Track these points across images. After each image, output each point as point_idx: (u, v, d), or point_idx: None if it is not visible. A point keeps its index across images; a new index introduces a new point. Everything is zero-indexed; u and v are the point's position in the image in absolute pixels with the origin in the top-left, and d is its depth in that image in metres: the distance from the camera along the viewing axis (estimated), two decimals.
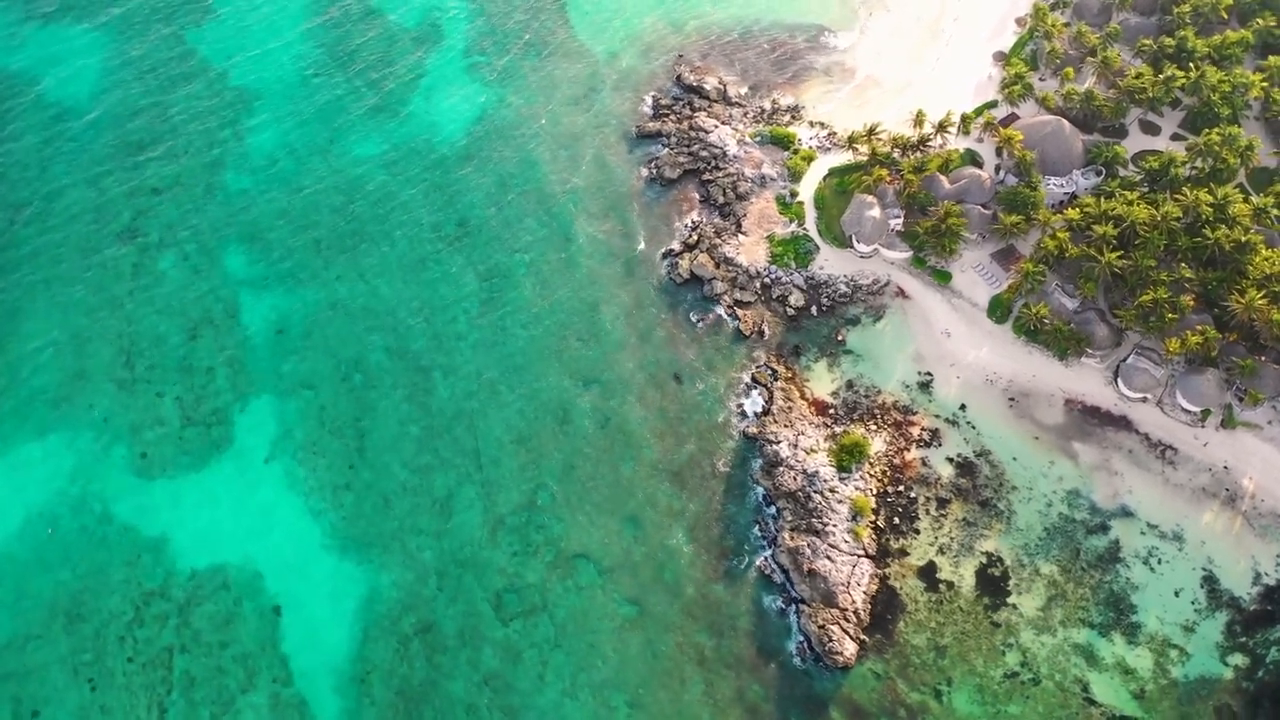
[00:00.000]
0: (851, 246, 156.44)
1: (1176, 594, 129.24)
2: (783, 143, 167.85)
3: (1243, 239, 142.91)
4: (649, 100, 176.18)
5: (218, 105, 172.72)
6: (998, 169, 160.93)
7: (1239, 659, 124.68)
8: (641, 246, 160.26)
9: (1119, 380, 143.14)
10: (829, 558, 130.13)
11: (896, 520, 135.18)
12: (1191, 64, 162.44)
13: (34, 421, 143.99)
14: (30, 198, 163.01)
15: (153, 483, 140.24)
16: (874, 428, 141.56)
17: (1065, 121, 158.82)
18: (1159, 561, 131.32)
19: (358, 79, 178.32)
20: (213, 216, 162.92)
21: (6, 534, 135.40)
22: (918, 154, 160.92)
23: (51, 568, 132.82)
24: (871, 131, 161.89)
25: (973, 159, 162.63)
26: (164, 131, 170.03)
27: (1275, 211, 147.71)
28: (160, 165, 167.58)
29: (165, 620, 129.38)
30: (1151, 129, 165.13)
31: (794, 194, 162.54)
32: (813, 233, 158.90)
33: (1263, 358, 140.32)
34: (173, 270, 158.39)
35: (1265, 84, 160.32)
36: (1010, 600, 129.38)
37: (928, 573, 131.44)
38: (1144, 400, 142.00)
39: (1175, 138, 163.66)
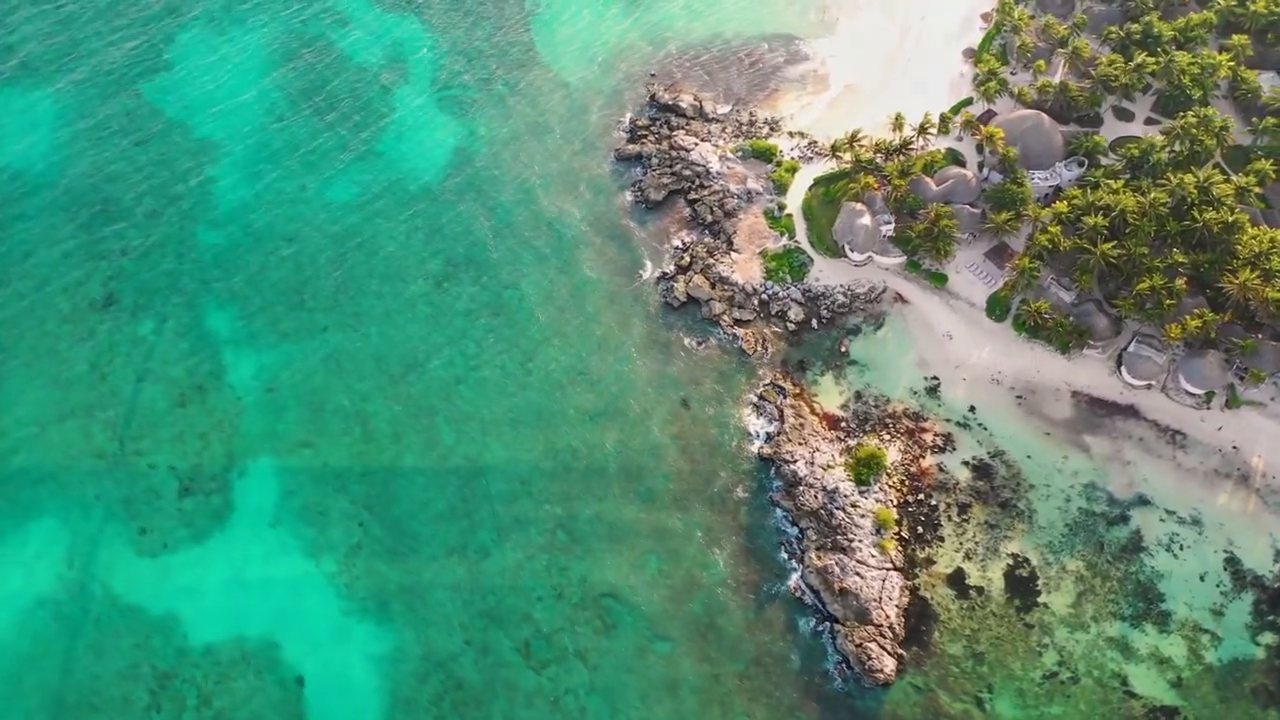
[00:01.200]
0: (845, 256, 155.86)
1: (1201, 578, 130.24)
2: (765, 156, 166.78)
3: (1230, 219, 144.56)
4: (626, 121, 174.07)
5: (183, 161, 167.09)
6: (981, 166, 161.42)
7: (1269, 638, 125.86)
8: (634, 272, 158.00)
9: (1122, 369, 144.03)
10: (858, 574, 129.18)
11: (920, 529, 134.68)
12: (1160, 48, 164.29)
13: (24, 505, 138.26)
14: None
15: (156, 558, 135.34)
16: (887, 437, 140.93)
17: (1044, 115, 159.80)
18: (1181, 547, 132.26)
19: (326, 123, 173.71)
20: (189, 276, 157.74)
21: (5, 625, 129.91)
22: (901, 157, 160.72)
23: (57, 658, 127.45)
24: (853, 138, 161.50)
25: (955, 158, 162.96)
26: (131, 193, 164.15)
27: (1256, 189, 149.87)
28: (130, 228, 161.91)
29: (183, 702, 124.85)
30: (1125, 115, 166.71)
31: (782, 207, 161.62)
32: (805, 244, 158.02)
33: (1260, 335, 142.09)
34: (153, 335, 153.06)
35: (1232, 63, 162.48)
36: (1041, 600, 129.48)
37: (956, 580, 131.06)
38: (1148, 387, 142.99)
39: (1149, 122, 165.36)
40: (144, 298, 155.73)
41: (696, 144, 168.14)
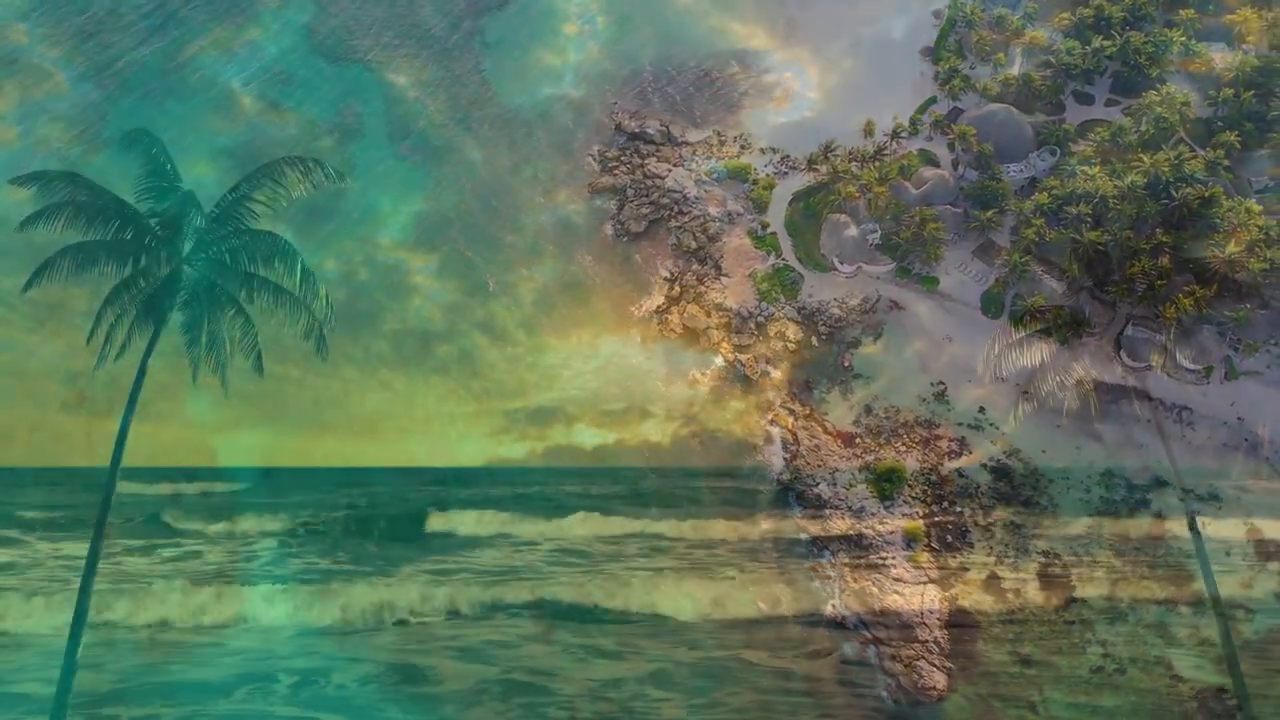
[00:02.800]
0: (835, 269, 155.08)
1: (1227, 553, 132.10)
2: (740, 175, 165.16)
3: (1206, 194, 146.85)
4: (595, 154, 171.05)
5: (138, 245, 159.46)
6: (955, 164, 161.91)
7: None
8: (625, 309, 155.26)
9: (1121, 353, 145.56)
10: (897, 592, 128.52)
11: (949, 538, 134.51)
12: (1114, 30, 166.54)
13: (17, 609, 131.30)
14: None
15: (169, 655, 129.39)
16: (903, 449, 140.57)
17: (1013, 108, 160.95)
18: (1203, 525, 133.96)
19: (282, 184, 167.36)
20: (162, 366, 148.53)
21: None
22: (877, 164, 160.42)
23: None
24: (827, 149, 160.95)
25: (928, 159, 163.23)
26: (89, 285, 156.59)
27: (1225, 162, 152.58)
28: (92, 321, 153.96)
29: None
30: (1085, 99, 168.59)
31: (765, 225, 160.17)
32: (793, 261, 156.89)
33: (1249, 305, 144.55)
34: (131, 429, 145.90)
35: (1184, 39, 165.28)
36: (1077, 595, 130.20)
37: (992, 584, 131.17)
38: (1149, 368, 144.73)
39: (1110, 103, 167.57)
40: (118, 393, 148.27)
41: (670, 170, 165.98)
